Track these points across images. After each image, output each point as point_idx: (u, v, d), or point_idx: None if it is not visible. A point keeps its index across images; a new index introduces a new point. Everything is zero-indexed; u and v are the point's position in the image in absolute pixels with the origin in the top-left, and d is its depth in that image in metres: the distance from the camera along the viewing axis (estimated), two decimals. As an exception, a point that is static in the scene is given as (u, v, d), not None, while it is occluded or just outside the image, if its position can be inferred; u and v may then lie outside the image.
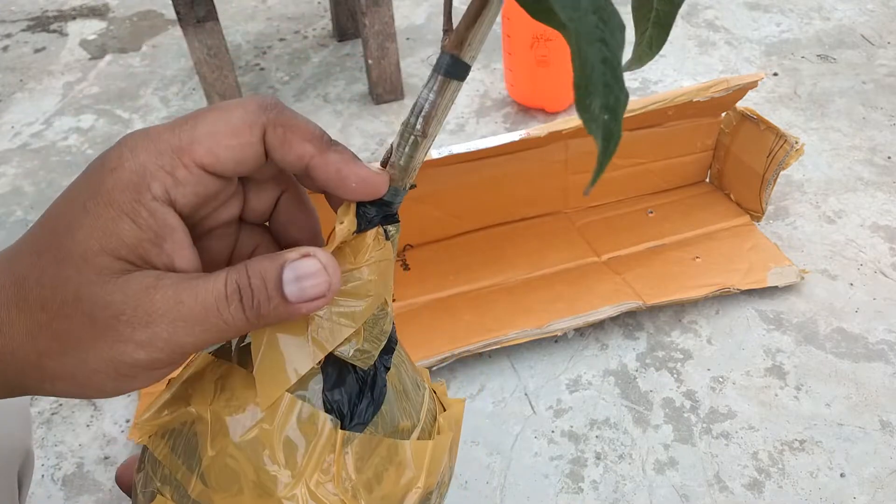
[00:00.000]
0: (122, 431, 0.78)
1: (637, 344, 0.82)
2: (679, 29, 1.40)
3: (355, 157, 0.25)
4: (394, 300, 0.85)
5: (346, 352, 0.25)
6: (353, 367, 0.26)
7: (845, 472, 0.69)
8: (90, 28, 1.58)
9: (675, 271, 0.87)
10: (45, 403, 0.81)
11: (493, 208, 0.94)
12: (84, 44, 1.52)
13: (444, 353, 0.78)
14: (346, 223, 0.25)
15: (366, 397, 0.26)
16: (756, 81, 0.84)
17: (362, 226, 0.25)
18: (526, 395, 0.78)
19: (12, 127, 1.29)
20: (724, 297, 0.86)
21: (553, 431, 0.74)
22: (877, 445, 0.71)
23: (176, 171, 0.23)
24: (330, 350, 0.25)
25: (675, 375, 0.79)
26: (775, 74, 1.25)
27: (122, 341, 0.22)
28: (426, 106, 0.24)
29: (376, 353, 0.26)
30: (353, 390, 0.26)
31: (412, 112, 0.25)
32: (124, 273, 0.22)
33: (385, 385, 0.26)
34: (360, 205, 0.25)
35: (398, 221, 0.26)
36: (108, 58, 1.47)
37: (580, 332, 0.84)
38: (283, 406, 0.24)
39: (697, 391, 0.77)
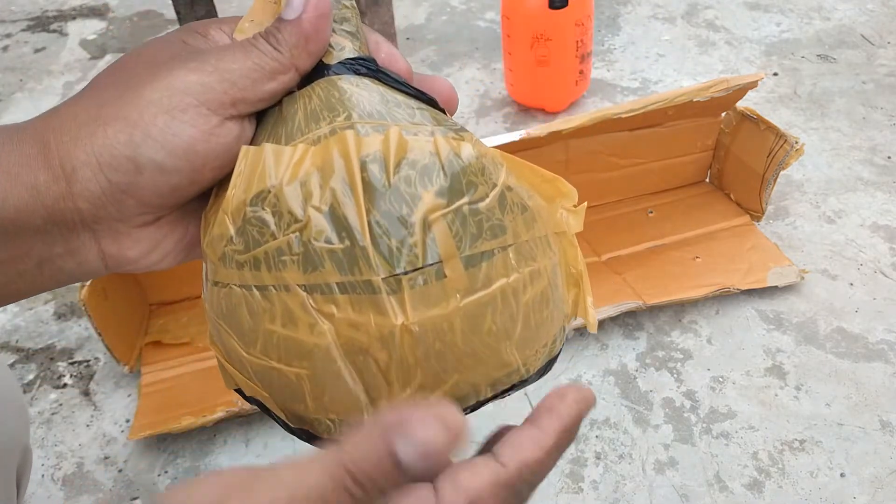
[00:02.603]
0: (122, 431, 0.78)
1: (637, 344, 0.82)
2: (679, 29, 1.40)
3: None
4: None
5: None
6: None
7: (845, 472, 0.69)
8: (90, 28, 1.58)
9: (675, 271, 0.87)
10: (44, 403, 0.81)
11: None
12: (84, 44, 1.52)
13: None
14: None
15: None
16: (756, 81, 0.84)
17: None
18: (526, 394, 0.78)
19: (12, 127, 1.29)
20: (724, 297, 0.86)
21: (553, 431, 0.74)
22: (877, 445, 0.71)
23: None
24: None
25: (675, 375, 0.79)
26: (775, 74, 1.25)
27: (177, 69, 0.25)
28: None
29: None
30: None
31: None
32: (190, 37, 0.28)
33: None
34: None
35: None
36: (108, 58, 1.47)
37: (580, 332, 0.84)
38: None
39: (697, 391, 0.77)
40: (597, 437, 0.74)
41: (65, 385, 0.83)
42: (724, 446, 0.72)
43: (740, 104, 0.91)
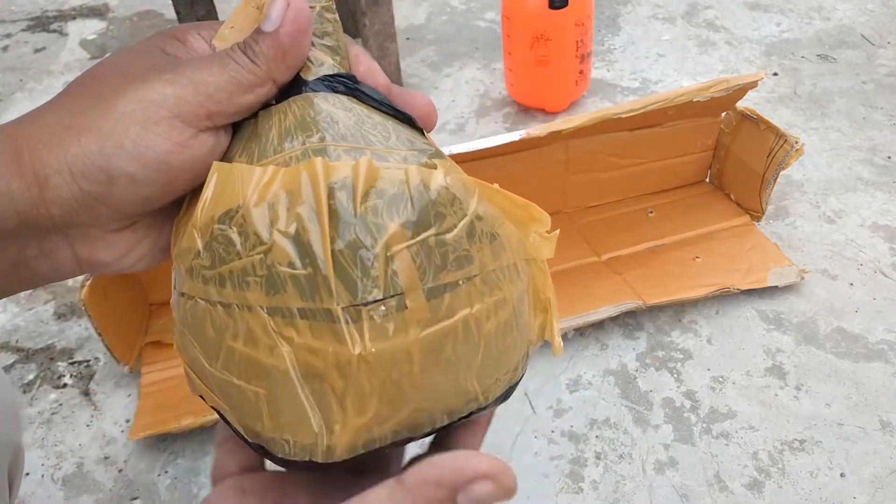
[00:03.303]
0: (122, 431, 0.78)
1: (637, 344, 0.82)
2: (679, 29, 1.40)
3: None
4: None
5: None
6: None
7: (845, 472, 0.69)
8: (90, 28, 1.58)
9: (675, 271, 0.87)
10: (44, 403, 0.81)
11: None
12: (84, 44, 1.52)
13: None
14: None
15: None
16: (756, 81, 0.84)
17: None
18: (526, 394, 0.78)
19: (12, 127, 1.29)
20: (724, 297, 0.86)
21: (553, 431, 0.74)
22: (877, 445, 0.71)
23: None
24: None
25: (675, 375, 0.79)
26: (775, 74, 1.25)
27: (151, 80, 0.25)
28: None
29: None
30: None
31: None
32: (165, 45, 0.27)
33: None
34: None
35: None
36: (108, 58, 1.47)
37: (580, 332, 0.84)
38: None
39: (697, 391, 0.77)
40: (597, 437, 0.74)
41: (65, 385, 0.83)
42: (724, 446, 0.72)
43: (740, 104, 0.91)
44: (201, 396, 0.28)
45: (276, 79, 0.26)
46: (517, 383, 0.28)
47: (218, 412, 0.27)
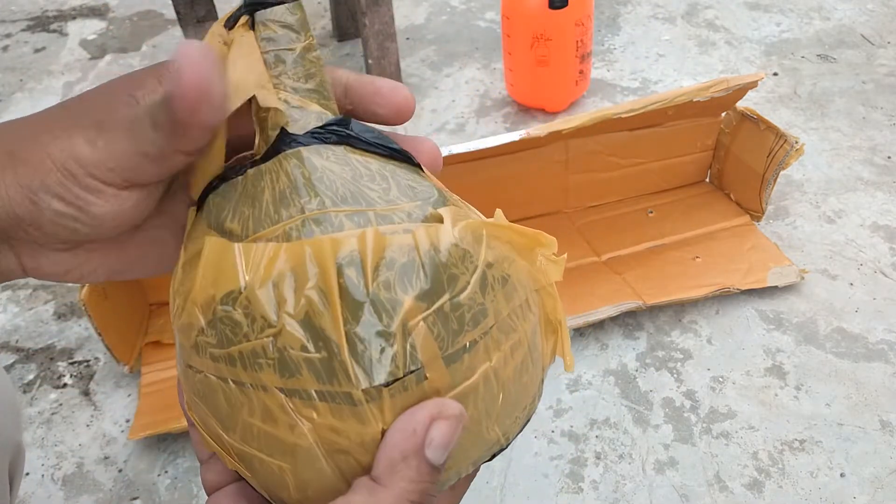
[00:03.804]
0: (122, 431, 0.78)
1: (637, 344, 0.82)
2: (679, 29, 1.40)
3: None
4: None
5: None
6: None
7: (845, 472, 0.69)
8: (90, 28, 1.58)
9: (675, 271, 0.87)
10: (44, 403, 0.81)
11: (493, 208, 0.94)
12: (84, 44, 1.52)
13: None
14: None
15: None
16: (756, 81, 0.84)
17: (233, 19, 0.26)
18: (526, 395, 0.78)
19: (12, 127, 1.29)
20: (724, 297, 0.86)
21: (553, 431, 0.74)
22: (877, 445, 0.71)
23: None
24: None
25: (675, 375, 0.79)
26: (775, 74, 1.25)
27: (80, 135, 0.25)
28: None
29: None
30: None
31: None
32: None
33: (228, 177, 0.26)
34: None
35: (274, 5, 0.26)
36: (108, 58, 1.47)
37: (580, 332, 0.84)
38: None
39: (697, 391, 0.77)
40: (597, 437, 0.74)
41: (65, 385, 0.83)
42: (724, 446, 0.72)
43: (740, 104, 0.91)
44: (216, 454, 0.27)
45: (183, 150, 0.24)
46: (533, 413, 0.28)
47: (238, 473, 0.27)
